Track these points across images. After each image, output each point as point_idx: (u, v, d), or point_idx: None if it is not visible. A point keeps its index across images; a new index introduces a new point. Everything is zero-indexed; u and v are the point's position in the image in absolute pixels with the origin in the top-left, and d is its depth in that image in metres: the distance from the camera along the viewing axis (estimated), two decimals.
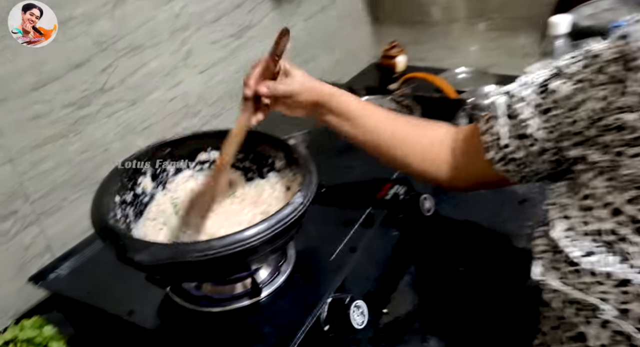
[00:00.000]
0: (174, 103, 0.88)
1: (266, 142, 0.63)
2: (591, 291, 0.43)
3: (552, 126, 0.50)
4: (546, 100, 0.50)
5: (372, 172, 0.77)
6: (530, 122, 0.51)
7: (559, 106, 0.49)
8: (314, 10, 1.20)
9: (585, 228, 0.44)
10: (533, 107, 0.51)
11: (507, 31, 1.32)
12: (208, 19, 0.90)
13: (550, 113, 0.49)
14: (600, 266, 0.42)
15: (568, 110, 0.48)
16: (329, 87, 0.63)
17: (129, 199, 0.59)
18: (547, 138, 0.50)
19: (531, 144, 0.51)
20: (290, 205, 0.50)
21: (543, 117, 0.50)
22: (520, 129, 0.52)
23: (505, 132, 0.53)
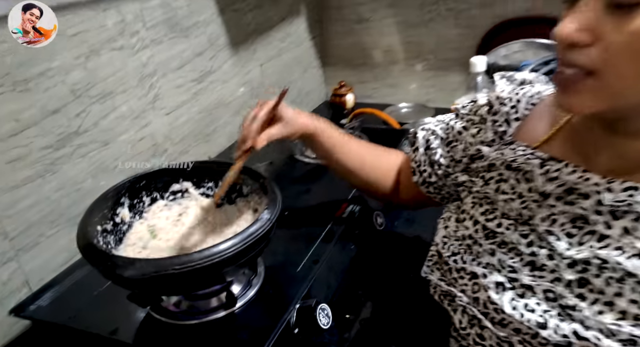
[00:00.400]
0: (142, 143, 0.95)
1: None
2: (457, 284, 0.53)
3: (450, 155, 0.63)
4: (448, 134, 0.64)
5: (329, 194, 0.86)
6: (437, 150, 0.65)
7: (455, 140, 0.63)
8: (268, 56, 1.32)
9: (455, 235, 0.56)
10: (440, 139, 0.65)
11: (440, 71, 1.50)
12: (173, 66, 0.99)
13: (450, 145, 0.64)
14: (459, 263, 0.53)
15: (459, 142, 0.62)
16: (317, 123, 0.72)
17: (109, 228, 0.65)
18: (447, 164, 0.64)
19: (438, 168, 0.65)
20: (259, 221, 0.58)
21: (446, 148, 0.64)
22: (432, 156, 0.65)
23: (424, 159, 0.67)
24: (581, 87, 0.41)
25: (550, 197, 0.48)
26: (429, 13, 1.41)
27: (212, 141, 1.15)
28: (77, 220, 0.81)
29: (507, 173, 0.53)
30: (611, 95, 0.40)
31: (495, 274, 0.49)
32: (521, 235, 0.49)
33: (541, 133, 0.54)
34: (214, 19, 1.08)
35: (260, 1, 1.24)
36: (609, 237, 0.43)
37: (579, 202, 0.46)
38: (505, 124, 0.57)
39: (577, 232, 0.45)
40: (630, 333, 0.40)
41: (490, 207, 0.53)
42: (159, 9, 0.93)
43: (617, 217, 0.43)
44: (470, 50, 1.39)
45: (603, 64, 0.39)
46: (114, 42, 0.84)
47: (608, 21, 0.38)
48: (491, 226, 0.52)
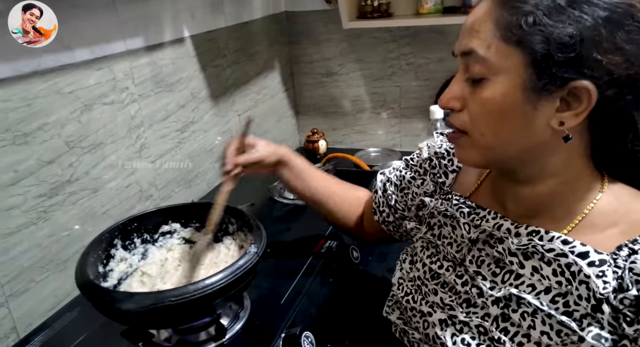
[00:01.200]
0: (129, 189, 1.00)
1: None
2: (412, 322, 0.60)
3: (404, 201, 0.71)
4: (401, 182, 0.72)
5: (307, 231, 0.93)
6: (392, 196, 0.72)
7: (406, 187, 0.71)
8: (246, 107, 1.42)
9: (409, 276, 0.63)
10: (394, 185, 0.73)
11: (404, 118, 1.63)
12: (158, 117, 1.06)
13: (403, 191, 0.71)
14: (411, 303, 0.60)
15: (409, 190, 0.70)
16: (287, 150, 0.80)
17: (105, 268, 0.69)
18: (402, 209, 0.71)
19: (395, 212, 0.72)
20: (247, 255, 0.64)
21: (400, 194, 0.72)
22: (389, 200, 0.73)
23: (382, 201, 0.74)
24: (460, 143, 0.51)
25: (478, 242, 0.55)
26: (392, 67, 1.56)
27: (194, 187, 1.21)
28: (65, 265, 0.85)
29: (444, 220, 0.60)
30: (481, 149, 0.49)
31: (439, 312, 0.55)
32: (457, 276, 0.56)
33: (472, 183, 0.62)
34: (196, 75, 1.18)
35: (237, 58, 1.35)
36: (523, 276, 0.49)
37: (496, 246, 0.52)
38: (443, 176, 0.64)
39: (500, 272, 0.52)
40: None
41: (434, 251, 0.60)
42: (146, 67, 1.01)
43: (527, 257, 0.49)
44: (430, 99, 1.54)
45: (469, 124, 0.48)
46: (106, 98, 0.92)
47: (468, 92, 0.48)
48: (435, 268, 0.59)
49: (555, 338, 0.46)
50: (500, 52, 0.45)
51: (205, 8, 1.19)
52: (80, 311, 0.79)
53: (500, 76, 0.45)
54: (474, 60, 0.46)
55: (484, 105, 0.47)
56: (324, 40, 1.60)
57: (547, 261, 0.48)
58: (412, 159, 0.72)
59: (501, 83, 0.45)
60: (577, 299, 0.45)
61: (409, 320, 0.60)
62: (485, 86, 0.46)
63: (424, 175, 0.68)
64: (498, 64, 0.45)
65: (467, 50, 0.47)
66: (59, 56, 0.80)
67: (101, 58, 0.89)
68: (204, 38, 1.19)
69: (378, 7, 1.40)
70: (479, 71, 0.46)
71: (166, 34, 1.06)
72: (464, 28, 0.49)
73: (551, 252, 0.47)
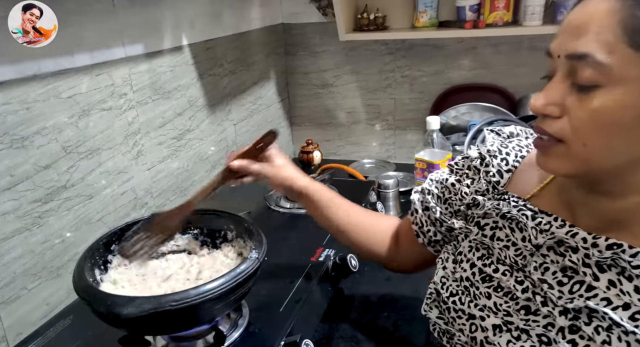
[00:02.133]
0: (124, 196, 0.99)
1: (220, 218, 0.77)
2: (455, 324, 0.57)
3: (448, 210, 0.66)
4: (444, 192, 0.67)
5: (305, 240, 0.93)
6: (436, 209, 0.66)
7: (450, 194, 0.65)
8: (241, 117, 1.42)
9: (454, 276, 0.60)
10: (436, 198, 0.67)
11: (399, 130, 1.65)
12: (155, 124, 1.06)
13: (447, 202, 0.66)
14: (458, 304, 0.57)
15: (454, 195, 0.65)
16: (305, 180, 0.74)
17: (102, 274, 0.68)
18: (448, 219, 0.65)
19: (440, 225, 0.67)
20: (248, 260, 0.63)
21: (444, 205, 0.66)
22: (432, 215, 0.67)
23: (424, 220, 0.69)
24: (553, 152, 0.46)
25: (542, 247, 0.51)
26: (387, 79, 1.58)
27: (189, 195, 1.19)
28: (59, 272, 0.84)
29: (502, 222, 0.56)
30: (578, 161, 0.45)
31: (492, 316, 0.52)
32: (516, 281, 0.52)
33: (531, 185, 0.57)
34: (193, 83, 1.18)
35: (234, 67, 1.36)
36: (596, 288, 0.46)
37: (568, 255, 0.48)
38: (497, 175, 0.60)
39: (567, 282, 0.48)
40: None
41: (486, 253, 0.57)
42: (145, 74, 1.01)
43: (603, 270, 0.46)
44: (424, 111, 1.56)
45: (570, 133, 0.44)
46: (104, 103, 0.91)
47: (573, 98, 0.43)
48: (488, 271, 0.55)
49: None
50: (626, 60, 0.40)
51: (204, 17, 1.20)
52: (73, 319, 0.77)
53: (619, 85, 0.41)
54: (587, 65, 0.41)
55: (594, 116, 0.42)
56: (320, 52, 1.62)
57: (628, 276, 0.45)
58: (456, 164, 0.67)
59: (621, 94, 0.41)
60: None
61: (451, 321, 0.57)
62: (598, 95, 0.42)
63: (474, 174, 0.63)
64: (620, 72, 0.40)
65: (579, 53, 0.42)
66: (59, 60, 0.80)
67: (101, 64, 0.89)
68: (203, 47, 1.20)
69: (374, 20, 1.43)
70: (591, 78, 0.42)
71: (165, 41, 1.07)
72: (571, 25, 0.44)
73: (637, 268, 0.44)
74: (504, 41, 1.41)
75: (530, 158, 0.60)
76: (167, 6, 1.06)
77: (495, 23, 1.29)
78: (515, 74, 1.44)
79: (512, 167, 0.60)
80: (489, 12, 1.29)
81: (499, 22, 1.29)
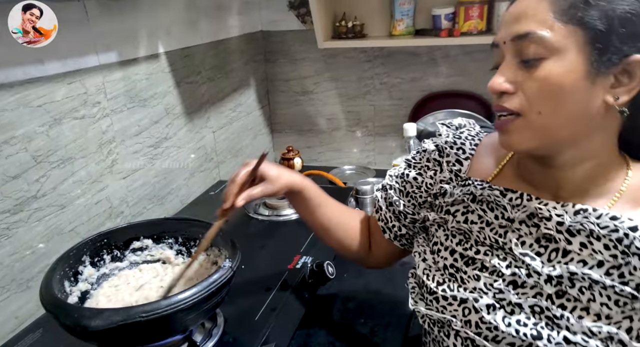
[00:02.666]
0: (98, 206, 0.97)
1: (194, 226, 0.76)
2: (447, 311, 0.58)
3: (412, 204, 0.69)
4: (404, 185, 0.70)
5: (282, 247, 0.92)
6: (399, 202, 0.70)
7: (412, 187, 0.69)
8: (221, 124, 1.42)
9: (436, 266, 0.62)
10: (398, 191, 0.71)
11: (378, 136, 1.66)
12: (131, 132, 1.05)
13: (409, 195, 0.69)
14: (448, 292, 0.58)
15: (417, 188, 0.68)
16: (300, 181, 0.72)
17: (72, 285, 0.67)
18: (412, 212, 0.69)
19: (404, 218, 0.70)
20: (222, 269, 0.63)
21: (406, 198, 0.70)
22: (396, 209, 0.70)
23: (389, 216, 0.72)
24: (513, 127, 0.51)
25: (514, 222, 0.56)
26: (366, 86, 1.60)
27: (167, 203, 1.19)
28: (29, 284, 0.82)
29: (473, 205, 0.60)
30: (537, 131, 0.50)
31: (485, 297, 0.55)
32: (499, 259, 0.56)
33: (490, 169, 0.62)
34: (170, 91, 1.17)
35: (213, 75, 1.36)
36: (571, 252, 0.51)
37: (542, 224, 0.53)
38: (457, 164, 0.64)
39: (544, 251, 0.53)
40: (608, 331, 0.48)
41: (463, 238, 0.60)
42: (120, 82, 1.00)
43: (573, 235, 0.52)
44: (403, 118, 1.57)
45: (526, 105, 0.50)
46: (76, 112, 0.90)
47: (523, 73, 0.49)
48: (469, 254, 0.58)
49: (614, 308, 0.49)
50: (560, 32, 0.47)
51: (181, 25, 1.20)
52: (43, 332, 0.75)
53: (560, 55, 0.47)
54: (531, 42, 0.48)
55: (543, 84, 0.48)
56: (300, 60, 1.62)
57: (597, 236, 0.50)
58: (414, 158, 0.71)
59: (561, 61, 0.47)
60: (632, 270, 0.48)
61: (442, 309, 0.58)
62: (544, 66, 0.48)
63: (434, 166, 0.67)
64: (558, 43, 0.47)
65: (522, 33, 0.49)
66: (28, 69, 0.79)
67: (73, 72, 0.88)
68: (180, 54, 1.20)
69: (352, 28, 1.44)
70: (536, 51, 0.48)
71: (141, 49, 1.06)
72: (511, 16, 0.51)
73: (605, 228, 0.50)
74: (479, 49, 1.43)
75: (484, 144, 0.65)
76: (142, 14, 1.05)
77: (470, 31, 1.32)
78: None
79: (469, 154, 0.65)
80: (463, 20, 1.31)
81: (473, 31, 1.32)
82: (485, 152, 0.64)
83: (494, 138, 0.65)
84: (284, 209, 1.11)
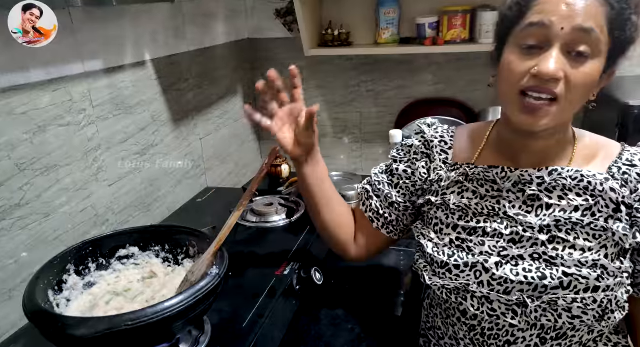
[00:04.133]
0: (84, 214, 0.96)
1: (181, 233, 0.76)
2: (460, 278, 0.66)
3: (403, 193, 0.76)
4: (392, 179, 0.77)
5: (270, 254, 0.92)
6: (391, 194, 0.76)
7: (401, 178, 0.76)
8: (208, 131, 1.41)
9: (442, 242, 0.69)
10: (387, 185, 0.77)
11: (365, 143, 1.68)
12: (117, 140, 1.04)
13: (398, 186, 0.76)
14: (460, 260, 0.66)
15: (407, 179, 0.75)
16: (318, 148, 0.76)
17: (56, 294, 0.66)
18: (404, 200, 0.76)
19: (397, 207, 0.77)
20: (209, 276, 0.63)
21: (396, 189, 0.76)
22: (387, 200, 0.77)
23: (379, 206, 0.78)
24: (547, 112, 0.58)
25: (502, 191, 0.66)
26: (352, 94, 1.61)
27: (154, 211, 1.18)
28: (11, 294, 0.81)
29: (467, 184, 0.69)
30: (559, 116, 0.59)
31: (493, 257, 0.65)
32: (497, 223, 0.66)
33: (470, 153, 0.72)
34: (157, 98, 1.17)
35: (200, 82, 1.36)
36: (553, 205, 0.64)
37: (527, 188, 0.65)
38: (444, 153, 0.73)
39: (532, 209, 0.65)
40: (592, 260, 0.61)
41: (462, 213, 0.69)
42: (105, 90, 1.00)
43: (551, 191, 0.64)
44: (389, 125, 1.59)
45: (565, 93, 0.57)
46: (61, 119, 0.89)
47: (571, 65, 0.56)
48: (471, 225, 0.67)
49: (593, 241, 0.62)
50: (604, 40, 0.56)
51: (167, 32, 1.20)
52: (26, 344, 0.74)
53: (599, 57, 0.57)
54: (587, 38, 0.55)
55: (584, 80, 0.57)
56: (287, 67, 1.63)
57: (569, 188, 0.64)
58: (398, 153, 0.78)
59: (598, 62, 0.57)
60: (600, 208, 0.62)
61: (455, 278, 0.66)
62: (588, 63, 0.56)
63: (425, 157, 0.75)
64: (602, 47, 0.56)
65: (587, 27, 0.55)
66: (11, 77, 0.78)
67: (57, 79, 0.88)
68: (166, 62, 1.20)
69: (338, 36, 1.46)
70: (586, 49, 0.55)
71: (127, 56, 1.06)
72: (572, 8, 0.55)
73: (575, 180, 0.63)
74: (463, 57, 1.46)
75: (458, 135, 0.75)
76: (128, 22, 1.05)
77: (453, 40, 1.34)
78: (473, 89, 1.49)
79: (450, 145, 0.74)
80: (447, 29, 1.34)
81: (457, 40, 1.34)
82: (462, 141, 0.74)
83: (466, 129, 0.76)
84: (271, 215, 1.11)
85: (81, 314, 0.65)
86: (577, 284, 0.61)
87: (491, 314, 0.65)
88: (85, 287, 0.71)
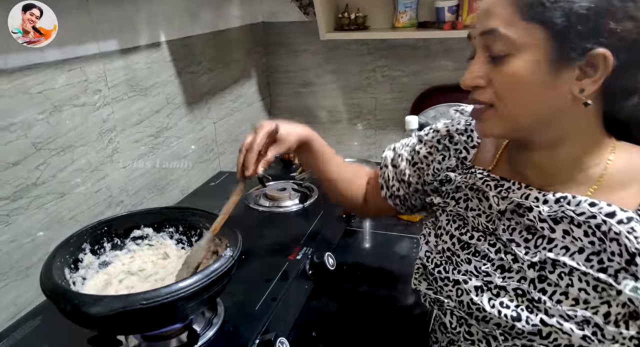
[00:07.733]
0: (98, 194, 0.97)
1: (195, 216, 0.76)
2: (443, 291, 0.61)
3: (418, 175, 0.72)
4: (414, 157, 0.73)
5: (283, 239, 0.92)
6: (405, 171, 0.74)
7: (420, 162, 0.72)
8: (221, 115, 1.41)
9: (437, 249, 0.65)
10: (406, 161, 0.74)
11: (380, 129, 1.66)
12: (132, 121, 1.04)
13: (416, 166, 0.73)
14: (443, 273, 0.62)
15: (426, 166, 0.71)
16: (309, 132, 0.78)
17: (72, 273, 0.66)
18: (416, 182, 0.73)
19: (407, 185, 0.74)
20: (222, 258, 0.62)
21: (412, 168, 0.73)
22: (400, 175, 0.75)
23: (392, 176, 0.76)
24: (485, 116, 0.55)
25: (506, 212, 0.58)
26: (367, 79, 1.59)
27: (167, 193, 1.18)
28: (28, 272, 0.82)
29: (471, 193, 0.63)
30: (505, 120, 0.53)
31: (474, 279, 0.58)
32: (489, 244, 0.59)
33: (491, 157, 0.65)
34: (171, 80, 1.16)
35: (214, 65, 1.35)
36: (555, 240, 0.53)
37: (526, 215, 0.56)
38: (464, 151, 0.67)
39: (532, 238, 0.56)
40: (583, 315, 0.50)
41: (462, 223, 0.63)
42: (121, 71, 0.99)
43: (556, 222, 0.53)
44: (404, 111, 1.57)
45: (496, 98, 0.52)
46: (77, 99, 0.89)
47: (492, 68, 0.52)
48: (465, 239, 0.61)
49: (592, 293, 0.50)
50: (522, 30, 0.49)
51: (181, 14, 1.19)
52: (43, 319, 0.75)
53: (523, 51, 0.49)
54: (496, 39, 0.50)
55: (509, 80, 0.51)
56: (301, 51, 1.61)
57: (577, 223, 0.52)
58: (426, 135, 0.72)
59: (524, 58, 0.49)
60: (610, 256, 0.50)
61: (439, 289, 0.62)
62: (509, 62, 0.50)
63: (444, 151, 0.69)
64: (520, 40, 0.49)
65: (487, 29, 0.51)
66: (27, 55, 0.78)
67: (73, 59, 0.87)
68: (180, 44, 1.19)
69: (355, 19, 1.43)
70: (501, 49, 0.50)
71: (142, 37, 1.05)
72: (481, 11, 0.53)
73: (582, 215, 0.51)
74: None
75: None
76: (142, 2, 1.04)
77: (473, 24, 1.31)
78: None
79: (476, 143, 0.67)
80: (467, 13, 1.30)
81: None
82: (489, 141, 0.66)
83: None
84: (284, 200, 1.10)
85: (96, 292, 0.66)
86: (557, 337, 0.52)
87: (467, 337, 0.60)
88: (100, 266, 0.71)
